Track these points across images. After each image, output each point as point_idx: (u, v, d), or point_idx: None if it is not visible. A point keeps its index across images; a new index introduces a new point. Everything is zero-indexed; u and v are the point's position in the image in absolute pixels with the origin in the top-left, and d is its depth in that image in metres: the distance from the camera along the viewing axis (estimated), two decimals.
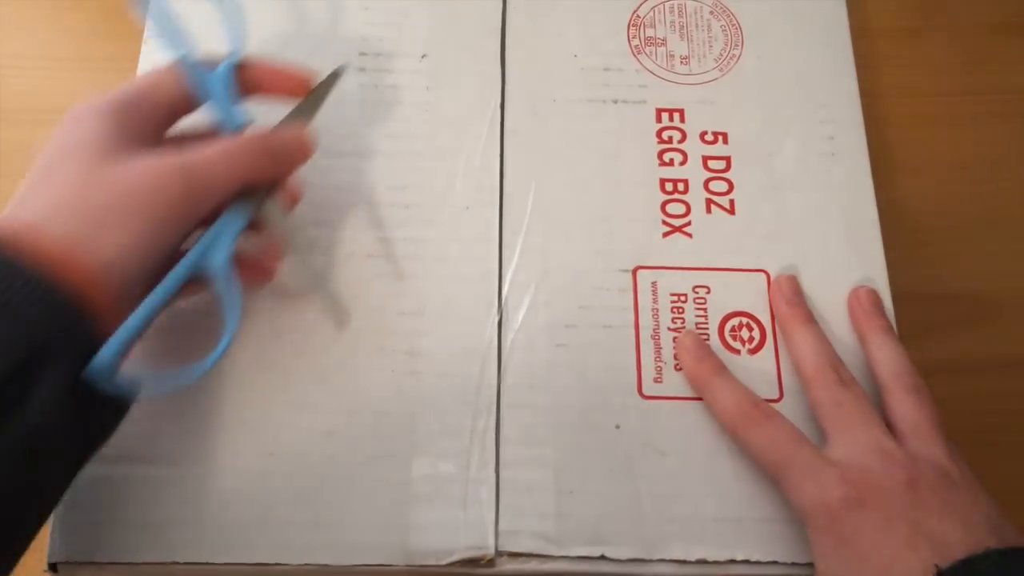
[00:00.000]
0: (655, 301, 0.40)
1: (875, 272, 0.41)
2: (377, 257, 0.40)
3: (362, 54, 0.45)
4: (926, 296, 0.44)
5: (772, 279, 0.40)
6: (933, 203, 0.47)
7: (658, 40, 0.46)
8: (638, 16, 0.47)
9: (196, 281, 0.34)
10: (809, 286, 0.40)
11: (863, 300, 0.40)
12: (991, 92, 0.50)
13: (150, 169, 0.32)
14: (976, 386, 0.43)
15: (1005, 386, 0.43)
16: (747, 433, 0.36)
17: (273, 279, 0.38)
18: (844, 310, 0.40)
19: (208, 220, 0.35)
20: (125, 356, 0.31)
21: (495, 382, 0.38)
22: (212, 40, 0.37)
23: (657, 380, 0.38)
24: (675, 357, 0.39)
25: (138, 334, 0.31)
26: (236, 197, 0.35)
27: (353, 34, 0.45)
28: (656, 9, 0.47)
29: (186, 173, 0.33)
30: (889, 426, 0.36)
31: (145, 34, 0.44)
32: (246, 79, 0.37)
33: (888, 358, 0.37)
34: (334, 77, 0.39)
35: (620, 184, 0.42)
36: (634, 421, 0.37)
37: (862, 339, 0.39)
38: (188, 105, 0.36)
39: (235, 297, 0.34)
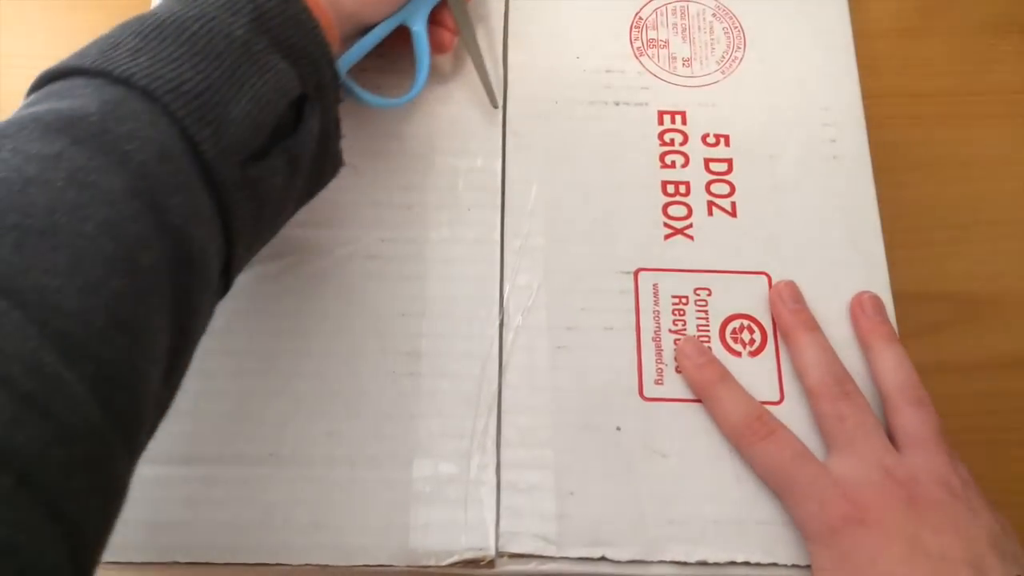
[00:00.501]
0: (656, 303, 0.40)
1: (876, 274, 0.41)
2: (378, 258, 0.40)
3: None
4: (926, 296, 0.44)
5: (771, 285, 0.40)
6: (933, 203, 0.47)
7: (660, 42, 0.46)
8: (640, 18, 0.47)
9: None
10: (810, 288, 0.40)
11: (866, 306, 0.39)
12: (991, 92, 0.50)
13: None
14: (976, 386, 0.43)
15: (1005, 386, 0.43)
16: (751, 447, 0.36)
17: (449, 51, 0.43)
18: (845, 312, 0.40)
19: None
20: None
21: (496, 383, 0.38)
22: None
23: (658, 382, 0.38)
24: (675, 360, 0.39)
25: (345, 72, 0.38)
26: None
27: None
28: (658, 11, 0.47)
29: None
30: (892, 438, 0.36)
31: None
32: None
33: (892, 369, 0.37)
34: None
35: (622, 186, 0.42)
36: (635, 423, 0.38)
37: (865, 347, 0.39)
38: None
39: (426, 52, 0.41)
